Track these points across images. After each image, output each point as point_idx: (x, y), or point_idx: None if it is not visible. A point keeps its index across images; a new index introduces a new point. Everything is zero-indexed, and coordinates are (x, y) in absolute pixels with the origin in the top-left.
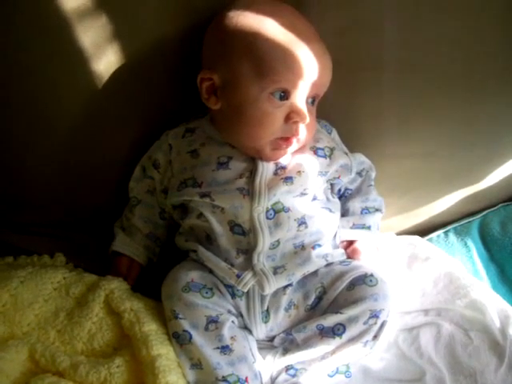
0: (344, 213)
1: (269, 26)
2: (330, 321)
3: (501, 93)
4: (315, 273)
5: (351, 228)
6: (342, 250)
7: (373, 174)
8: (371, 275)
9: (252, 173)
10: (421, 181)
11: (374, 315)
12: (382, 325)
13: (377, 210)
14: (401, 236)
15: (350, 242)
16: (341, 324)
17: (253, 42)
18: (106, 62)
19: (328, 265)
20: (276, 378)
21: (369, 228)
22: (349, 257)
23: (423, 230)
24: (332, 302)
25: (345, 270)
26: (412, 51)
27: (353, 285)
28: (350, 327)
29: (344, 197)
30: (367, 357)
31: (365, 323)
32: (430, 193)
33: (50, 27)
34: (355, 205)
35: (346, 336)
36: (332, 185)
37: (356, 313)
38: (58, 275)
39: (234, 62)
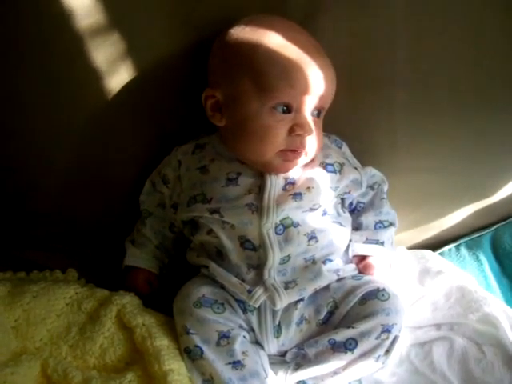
0: (357, 227)
1: (267, 41)
2: (342, 335)
3: None
4: (327, 287)
5: (364, 243)
6: (354, 265)
7: (385, 187)
8: (383, 290)
9: (260, 188)
10: (432, 195)
11: (386, 330)
12: (394, 340)
13: (391, 224)
14: (412, 250)
15: (363, 257)
16: (353, 339)
17: (252, 57)
18: (117, 78)
19: (339, 279)
20: None
21: (382, 244)
22: (360, 272)
23: (434, 244)
24: (344, 317)
25: (357, 284)
26: (423, 66)
27: (365, 299)
28: (362, 342)
29: (357, 210)
30: (379, 372)
31: (377, 338)
32: (441, 207)
33: (64, 44)
34: (368, 219)
35: (358, 351)
36: (343, 199)
37: (368, 327)
38: (70, 290)
39: (235, 78)
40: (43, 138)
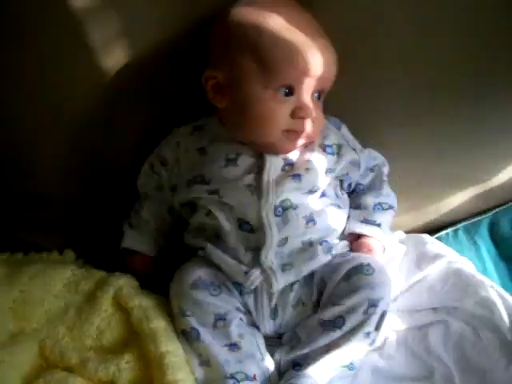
0: (356, 207)
1: (271, 23)
2: (330, 313)
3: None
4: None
5: (361, 222)
6: (346, 242)
7: (385, 170)
8: (368, 264)
9: (260, 169)
10: (430, 178)
11: (373, 304)
12: (383, 315)
13: (390, 206)
14: (410, 234)
15: (357, 236)
16: (340, 316)
17: (255, 39)
18: (115, 59)
19: None
20: (283, 374)
21: (379, 226)
22: (352, 250)
23: (432, 229)
24: (331, 295)
25: (341, 261)
26: (422, 49)
27: (349, 275)
28: (350, 318)
29: (356, 192)
30: (375, 355)
31: (364, 313)
32: (439, 191)
33: (60, 25)
34: (367, 200)
35: (346, 327)
36: (341, 181)
37: (354, 303)
38: (67, 271)
39: (237, 59)
40: (40, 122)
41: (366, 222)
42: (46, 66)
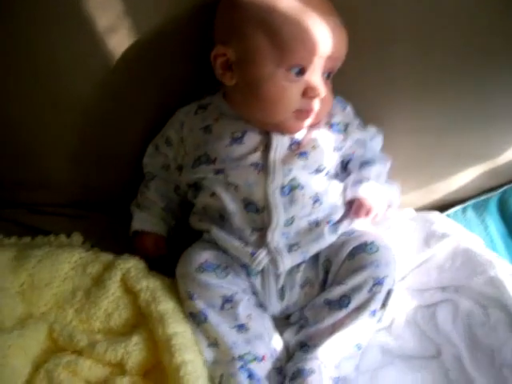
0: (346, 176)
1: (285, 2)
2: (335, 293)
3: None
4: None
5: (352, 186)
6: (350, 219)
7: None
8: (372, 243)
9: (266, 147)
10: (438, 156)
11: (378, 282)
12: (389, 293)
13: (377, 160)
14: (419, 212)
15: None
16: (345, 295)
17: (267, 17)
18: (118, 41)
19: None
20: (292, 355)
21: (368, 180)
22: (355, 216)
23: (441, 206)
24: (336, 274)
25: (346, 240)
26: (426, 24)
27: (353, 254)
28: (354, 297)
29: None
30: (384, 334)
31: (369, 291)
32: (447, 168)
33: (62, 6)
34: (354, 162)
35: (351, 306)
36: (342, 160)
37: (358, 282)
38: (74, 254)
39: (249, 37)
40: (44, 104)
41: (355, 184)
42: (48, 50)
